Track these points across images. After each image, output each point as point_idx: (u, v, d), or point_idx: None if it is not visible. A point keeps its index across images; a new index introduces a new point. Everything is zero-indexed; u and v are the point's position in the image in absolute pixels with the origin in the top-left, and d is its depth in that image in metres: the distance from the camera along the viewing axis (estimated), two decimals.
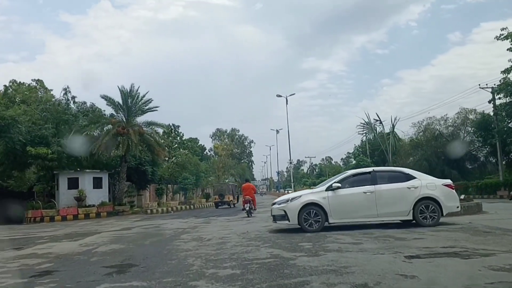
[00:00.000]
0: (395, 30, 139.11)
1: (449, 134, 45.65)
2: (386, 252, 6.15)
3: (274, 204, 10.40)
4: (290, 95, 49.68)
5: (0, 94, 29.62)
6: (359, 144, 69.11)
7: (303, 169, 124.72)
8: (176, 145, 46.58)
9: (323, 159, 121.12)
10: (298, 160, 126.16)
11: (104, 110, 29.53)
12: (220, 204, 30.73)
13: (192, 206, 30.57)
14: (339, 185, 9.79)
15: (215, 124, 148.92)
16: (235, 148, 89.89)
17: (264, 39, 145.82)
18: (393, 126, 58.92)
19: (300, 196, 9.97)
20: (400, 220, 9.88)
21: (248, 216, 16.71)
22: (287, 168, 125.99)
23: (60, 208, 23.11)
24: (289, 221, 9.74)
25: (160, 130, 33.32)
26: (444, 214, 9.74)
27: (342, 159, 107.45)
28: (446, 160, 43.38)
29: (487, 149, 40.16)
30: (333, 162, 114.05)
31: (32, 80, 33.81)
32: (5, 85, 31.86)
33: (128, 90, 26.25)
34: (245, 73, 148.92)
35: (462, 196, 16.20)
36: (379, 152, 58.14)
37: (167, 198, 36.51)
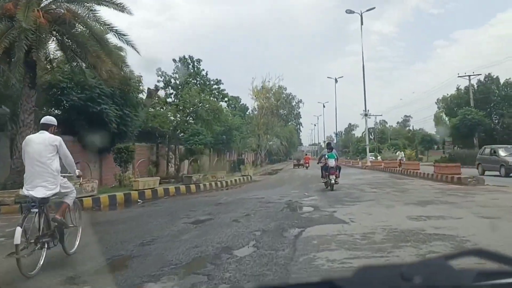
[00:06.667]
0: None
1: None
2: None
3: None
4: (367, 10, 32.60)
5: None
6: (449, 94, 49.98)
7: (354, 133, 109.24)
8: (196, 86, 30.72)
9: (376, 122, 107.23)
10: (350, 123, 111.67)
11: None
12: (297, 166, 40.59)
13: (190, 188, 14.75)
14: None
15: None
16: (281, 109, 73.81)
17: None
18: None
19: None
20: None
21: (306, 169, 34.00)
22: (335, 133, 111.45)
23: None
24: None
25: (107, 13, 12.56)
26: None
27: (398, 122, 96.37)
28: None
29: None
30: (387, 125, 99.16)
31: None
32: None
33: None
34: (294, 36, 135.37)
35: None
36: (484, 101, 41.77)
37: (169, 167, 21.59)
